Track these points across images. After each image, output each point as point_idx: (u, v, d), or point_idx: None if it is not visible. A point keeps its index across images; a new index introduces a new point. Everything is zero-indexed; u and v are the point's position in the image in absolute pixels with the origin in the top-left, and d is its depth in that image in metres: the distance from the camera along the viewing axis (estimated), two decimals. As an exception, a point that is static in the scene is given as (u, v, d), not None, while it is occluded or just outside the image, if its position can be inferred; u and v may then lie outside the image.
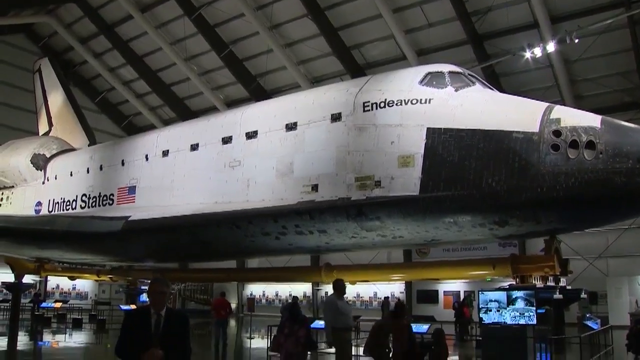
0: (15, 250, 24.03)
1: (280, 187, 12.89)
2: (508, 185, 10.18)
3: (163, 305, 5.29)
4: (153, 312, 5.25)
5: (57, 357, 16.63)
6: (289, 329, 9.57)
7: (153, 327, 5.17)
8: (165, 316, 5.26)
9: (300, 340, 9.45)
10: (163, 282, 5.51)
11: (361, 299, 38.96)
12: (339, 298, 10.74)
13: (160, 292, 5.33)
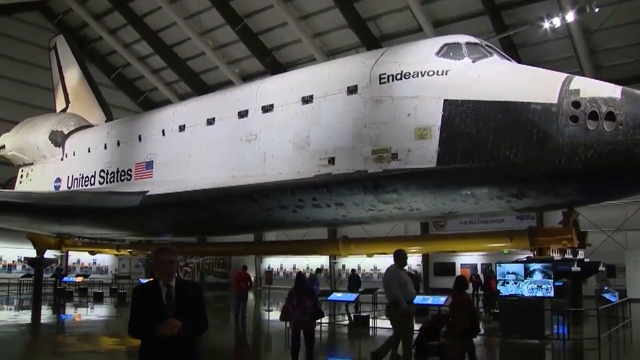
0: (36, 226, 24.35)
1: (297, 161, 12.89)
2: (526, 157, 10.09)
3: (172, 275, 4.91)
4: (162, 284, 4.85)
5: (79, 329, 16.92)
6: (297, 300, 10.28)
7: (164, 299, 4.79)
8: (175, 287, 4.87)
9: (307, 310, 10.16)
10: (169, 251, 5.01)
11: (378, 271, 39.09)
12: (399, 269, 10.48)
13: (168, 262, 4.90)
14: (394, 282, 10.01)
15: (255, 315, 22.95)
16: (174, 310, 4.70)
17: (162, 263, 4.87)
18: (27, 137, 23.57)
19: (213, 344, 12.92)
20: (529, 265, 14.34)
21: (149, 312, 4.72)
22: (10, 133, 25.01)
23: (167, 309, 4.70)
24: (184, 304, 4.78)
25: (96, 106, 26.13)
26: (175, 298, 4.79)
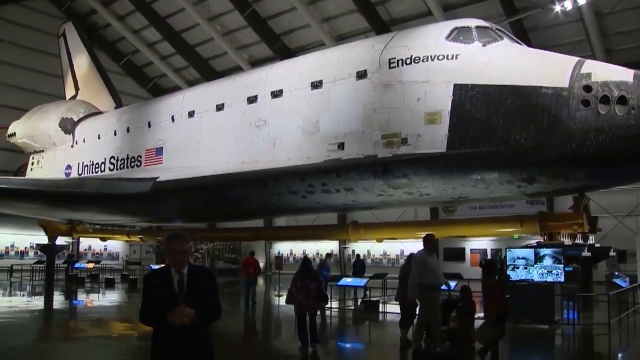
0: (48, 213, 24.50)
1: (307, 146, 12.87)
2: (536, 141, 10.02)
3: (184, 264, 4.74)
4: (174, 271, 4.70)
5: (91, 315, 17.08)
6: (302, 283, 10.76)
7: (176, 286, 4.63)
8: (188, 273, 4.71)
9: (311, 293, 10.61)
10: (182, 239, 4.78)
11: (388, 256, 39.22)
12: (428, 254, 10.46)
13: (180, 252, 4.72)
14: (424, 267, 10.02)
15: (265, 300, 23.08)
16: (185, 297, 4.55)
17: (175, 253, 4.71)
18: (38, 125, 23.67)
19: (223, 329, 13.02)
20: (539, 251, 14.31)
21: (160, 299, 4.60)
22: (21, 120, 25.14)
23: (178, 296, 4.55)
24: (196, 291, 4.62)
25: (105, 93, 26.18)
26: (187, 285, 4.64)
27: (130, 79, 45.79)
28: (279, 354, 11.62)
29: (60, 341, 12.46)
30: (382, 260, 39.45)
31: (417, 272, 10.03)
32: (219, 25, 37.45)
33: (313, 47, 33.81)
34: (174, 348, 4.51)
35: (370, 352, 11.81)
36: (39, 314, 17.17)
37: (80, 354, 10.58)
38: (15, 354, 10.30)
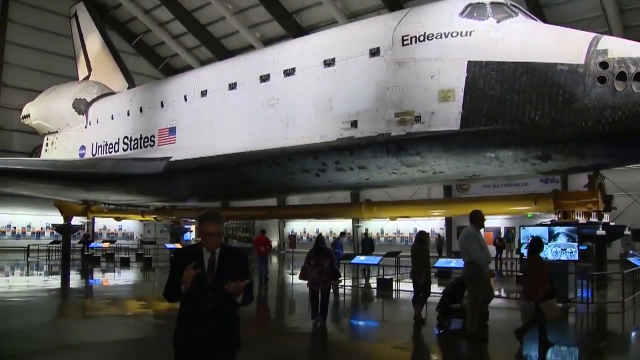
0: (63, 194, 24.69)
1: (320, 124, 12.85)
2: (551, 119, 9.93)
3: (217, 246, 4.49)
4: (206, 251, 4.48)
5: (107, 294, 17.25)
6: (315, 260, 11.13)
7: (207, 266, 4.40)
8: (220, 254, 4.49)
9: (324, 270, 10.97)
10: (217, 219, 4.51)
11: (401, 235, 39.26)
12: (478, 230, 10.24)
13: (215, 234, 4.46)
14: (475, 243, 9.76)
15: (279, 278, 23.21)
16: (215, 278, 4.35)
17: (209, 236, 4.45)
18: (51, 106, 23.78)
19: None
20: (553, 229, 14.25)
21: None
22: (35, 102, 25.26)
23: (207, 276, 4.35)
24: (227, 273, 4.37)
25: (118, 73, 26.20)
26: (219, 266, 4.43)
27: (142, 59, 45.82)
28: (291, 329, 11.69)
29: (77, 319, 12.61)
30: (395, 239, 39.51)
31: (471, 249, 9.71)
32: (231, 4, 37.28)
33: (325, 25, 33.60)
34: (200, 328, 4.32)
35: (383, 329, 11.85)
36: (56, 292, 17.36)
37: (97, 331, 10.71)
38: (34, 332, 10.45)
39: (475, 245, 9.72)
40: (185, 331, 4.37)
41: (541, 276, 9.23)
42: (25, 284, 19.02)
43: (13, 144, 38.93)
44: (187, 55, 43.28)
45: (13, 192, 29.86)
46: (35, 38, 39.98)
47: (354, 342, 10.61)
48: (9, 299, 14.96)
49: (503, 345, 10.07)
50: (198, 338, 4.31)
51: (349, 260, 19.99)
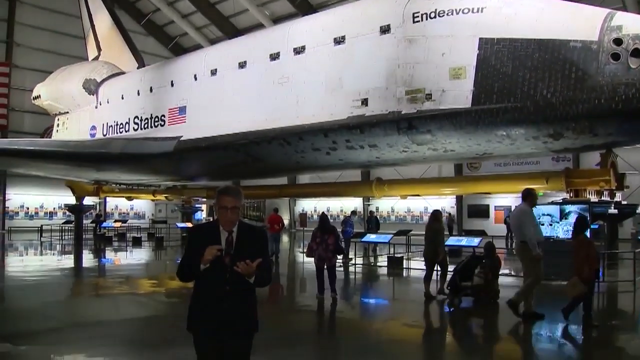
0: (74, 174, 24.83)
1: (330, 102, 12.80)
2: (564, 96, 9.84)
3: (234, 223, 4.20)
4: (223, 230, 4.18)
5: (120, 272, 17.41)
6: (320, 238, 11.66)
7: (224, 245, 4.11)
8: (238, 232, 4.20)
9: (329, 247, 11.49)
10: (235, 193, 4.22)
11: (412, 213, 39.27)
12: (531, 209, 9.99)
13: (233, 208, 4.14)
14: (529, 222, 9.59)
15: (290, 256, 23.34)
16: (232, 258, 4.05)
17: (225, 209, 4.14)
18: (62, 86, 23.83)
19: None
20: (564, 207, 14.20)
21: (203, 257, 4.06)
22: (45, 83, 25.32)
23: (225, 256, 4.06)
24: (245, 252, 4.07)
25: (127, 53, 26.16)
26: (237, 245, 4.14)
27: (152, 38, 45.72)
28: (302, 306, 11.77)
29: (91, 298, 12.74)
30: (405, 217, 39.54)
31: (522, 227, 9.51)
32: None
33: (335, 3, 33.34)
34: (216, 312, 4.08)
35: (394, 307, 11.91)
36: (70, 272, 17.54)
37: (110, 310, 10.82)
38: (48, 310, 10.58)
39: (529, 224, 9.57)
40: (201, 315, 4.12)
41: (587, 255, 9.19)
42: (39, 263, 19.21)
43: (25, 125, 39.13)
44: (197, 34, 43.12)
45: (25, 173, 30.15)
46: (45, 18, 39.97)
47: (365, 320, 10.67)
48: (24, 278, 15.13)
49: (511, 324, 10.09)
50: (214, 322, 4.06)
51: (360, 238, 20.04)
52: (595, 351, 8.20)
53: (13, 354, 7.43)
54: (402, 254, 19.15)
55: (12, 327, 9.16)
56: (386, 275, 16.50)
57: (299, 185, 33.65)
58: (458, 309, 10.82)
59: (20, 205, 39.98)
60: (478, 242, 15.79)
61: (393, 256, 17.92)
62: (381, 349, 7.93)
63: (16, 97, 38.97)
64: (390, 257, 17.98)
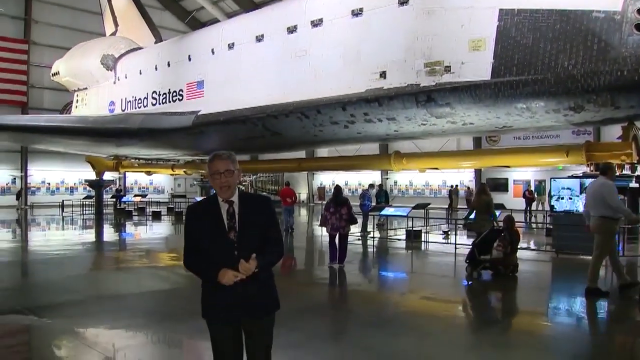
0: (94, 149, 25.04)
1: (348, 75, 12.73)
2: (586, 68, 9.69)
3: (233, 190, 3.75)
4: (222, 201, 3.74)
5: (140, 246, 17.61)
6: (334, 208, 12.30)
7: (226, 219, 3.69)
8: (239, 203, 3.75)
9: (343, 217, 12.26)
10: (226, 157, 3.76)
11: (430, 187, 39.19)
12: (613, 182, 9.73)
13: (227, 172, 3.69)
14: (615, 194, 9.34)
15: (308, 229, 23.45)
16: (238, 232, 3.65)
17: (218, 174, 3.69)
18: (80, 62, 23.92)
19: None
20: (584, 181, 14.07)
21: (206, 237, 3.71)
22: (64, 59, 25.42)
23: (229, 232, 3.66)
24: (251, 224, 3.70)
25: (144, 28, 26.14)
26: (240, 216, 3.71)
27: (168, 13, 45.59)
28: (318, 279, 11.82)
29: (112, 271, 12.92)
30: (424, 191, 39.47)
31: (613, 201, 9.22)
32: (257, -46, 36.68)
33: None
34: (230, 294, 3.64)
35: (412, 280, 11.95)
36: (91, 246, 17.76)
37: (130, 283, 10.97)
38: (71, 284, 10.75)
39: (616, 196, 9.34)
40: (214, 300, 3.70)
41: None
42: (61, 238, 19.48)
43: (44, 101, 39.41)
44: (213, 8, 42.88)
45: (46, 149, 30.47)
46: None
47: (382, 293, 10.72)
48: (47, 252, 15.36)
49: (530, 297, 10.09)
50: (229, 306, 3.65)
51: (378, 212, 20.05)
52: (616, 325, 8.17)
53: (38, 326, 7.58)
54: (420, 227, 19.15)
55: (37, 300, 9.33)
56: (404, 248, 16.53)
57: (317, 158, 33.68)
58: (476, 282, 10.83)
59: (41, 181, 40.43)
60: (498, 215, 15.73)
61: (411, 230, 17.91)
62: (399, 321, 7.98)
63: (35, 73, 39.21)
64: (409, 231, 17.98)
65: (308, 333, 6.90)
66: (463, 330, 7.69)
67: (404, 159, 17.25)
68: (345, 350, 6.44)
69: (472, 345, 6.84)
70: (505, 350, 6.60)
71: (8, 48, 37.99)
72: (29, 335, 7.37)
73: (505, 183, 35.56)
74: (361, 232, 19.48)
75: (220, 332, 3.74)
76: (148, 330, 7.40)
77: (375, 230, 19.27)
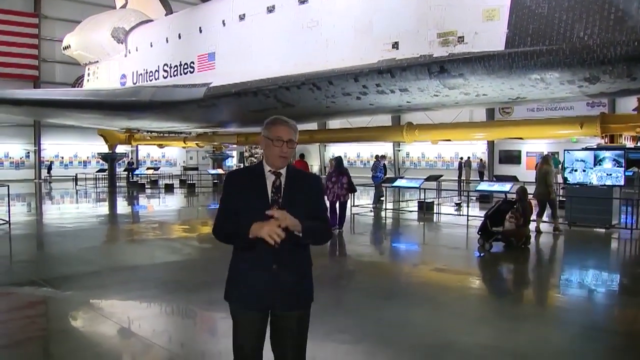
0: (106, 123, 25.13)
1: (360, 46, 12.64)
2: (601, 39, 9.56)
3: (287, 161, 3.28)
4: (269, 171, 3.25)
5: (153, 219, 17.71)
6: (336, 177, 13.36)
7: (271, 192, 3.21)
8: (287, 177, 3.28)
9: (344, 185, 13.24)
10: (292, 124, 3.28)
11: (442, 159, 39.05)
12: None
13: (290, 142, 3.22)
14: None
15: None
16: (281, 207, 3.12)
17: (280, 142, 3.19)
18: (91, 36, 23.91)
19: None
20: (598, 153, 13.96)
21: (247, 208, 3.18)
22: (74, 32, 25.41)
23: (272, 206, 3.14)
24: (296, 201, 3.22)
25: (155, 0, 26.02)
26: (286, 191, 3.24)
27: (179, -16, 45.22)
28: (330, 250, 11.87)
29: (126, 243, 13.02)
30: (436, 163, 39.34)
31: None
32: None
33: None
34: (261, 273, 3.18)
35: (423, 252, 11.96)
36: (105, 218, 17.89)
37: (144, 255, 11.06)
38: (86, 256, 10.86)
39: None
40: (243, 282, 3.23)
41: None
42: (76, 211, 19.63)
43: (56, 75, 39.44)
44: (224, -21, 42.52)
45: (59, 123, 30.62)
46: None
47: (394, 264, 10.75)
48: (62, 225, 15.50)
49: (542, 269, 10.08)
50: (259, 291, 3.18)
51: (390, 183, 20.03)
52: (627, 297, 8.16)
53: (54, 297, 7.68)
54: (432, 199, 19.13)
55: (53, 271, 9.44)
56: (416, 220, 16.53)
57: (329, 130, 33.66)
58: (488, 254, 10.83)
59: (55, 155, 40.65)
60: (510, 187, 15.68)
61: (423, 201, 17.90)
62: (410, 293, 8.00)
63: (46, 47, 39.19)
64: (421, 202, 17.96)
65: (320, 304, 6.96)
66: (474, 302, 7.70)
67: (416, 130, 17.22)
68: (357, 321, 6.48)
69: (483, 317, 6.86)
70: (517, 322, 6.62)
71: (18, 22, 37.92)
72: (45, 306, 7.47)
73: (518, 155, 35.37)
74: (373, 204, 19.48)
75: (245, 321, 3.25)
76: (162, 301, 7.48)
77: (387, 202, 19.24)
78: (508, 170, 31.11)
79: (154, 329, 6.32)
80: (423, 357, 5.32)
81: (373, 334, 6.04)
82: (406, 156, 40.89)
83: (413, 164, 40.37)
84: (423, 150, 39.63)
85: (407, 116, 27.63)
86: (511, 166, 34.13)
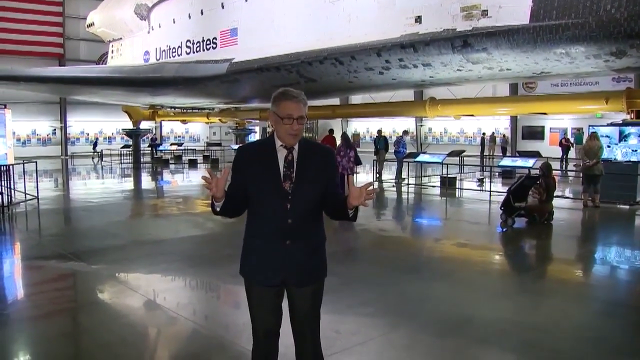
0: (130, 99, 25.31)
1: (382, 21, 12.56)
2: (629, 11, 9.39)
3: (298, 138, 3.13)
4: (281, 145, 3.13)
5: (177, 194, 17.91)
6: (344, 152, 14.72)
7: (282, 167, 3.10)
8: (300, 151, 3.15)
9: (351, 159, 14.70)
10: (301, 99, 3.09)
11: (465, 134, 38.78)
12: None
13: (300, 118, 3.05)
14: None
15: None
16: (294, 183, 3.07)
17: (290, 119, 3.05)
18: (114, 13, 24.02)
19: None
20: (624, 129, 13.80)
21: (258, 183, 3.12)
22: (98, 10, 25.56)
23: (285, 181, 3.08)
24: (310, 177, 3.13)
25: (178, -24, 25.98)
26: (299, 167, 3.12)
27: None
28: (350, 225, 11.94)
29: (150, 218, 13.21)
30: (458, 138, 39.09)
31: None
32: None
33: None
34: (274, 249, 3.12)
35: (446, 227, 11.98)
36: (129, 193, 18.13)
37: (168, 229, 11.22)
38: (113, 229, 11.06)
39: None
40: (257, 258, 3.18)
41: None
42: (101, 186, 19.89)
43: (81, 52, 39.66)
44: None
45: (84, 100, 30.91)
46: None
47: (416, 239, 10.79)
48: (88, 200, 15.74)
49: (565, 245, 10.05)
50: (273, 266, 3.12)
51: (413, 158, 19.99)
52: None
53: (82, 270, 7.85)
54: (455, 174, 19.08)
55: (80, 245, 9.64)
56: (438, 195, 16.52)
57: (352, 105, 33.53)
58: (511, 229, 10.82)
59: (80, 132, 41.06)
60: (533, 162, 15.58)
61: (446, 177, 17.85)
62: (432, 267, 8.06)
63: (71, 25, 39.37)
64: (444, 178, 17.93)
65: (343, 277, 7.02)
66: (496, 277, 7.73)
67: (439, 105, 17.11)
68: (379, 294, 6.55)
69: (504, 292, 6.89)
70: (539, 297, 6.64)
71: (43, 0, 38.12)
72: (74, 279, 7.65)
73: (541, 131, 34.98)
74: (395, 179, 19.48)
75: (259, 295, 3.19)
76: (186, 274, 7.62)
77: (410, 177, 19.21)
78: (531, 146, 30.82)
79: (179, 301, 6.45)
80: (445, 331, 5.38)
81: (396, 307, 6.11)
82: (428, 131, 40.66)
83: (435, 139, 40.14)
84: (445, 126, 39.36)
85: (429, 91, 27.41)
86: (534, 142, 33.80)
